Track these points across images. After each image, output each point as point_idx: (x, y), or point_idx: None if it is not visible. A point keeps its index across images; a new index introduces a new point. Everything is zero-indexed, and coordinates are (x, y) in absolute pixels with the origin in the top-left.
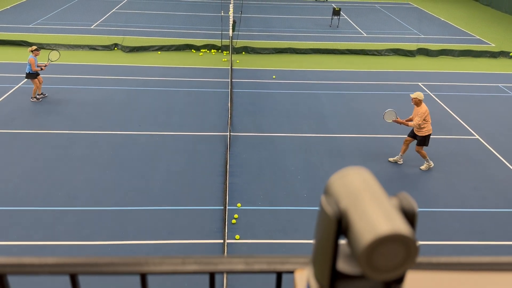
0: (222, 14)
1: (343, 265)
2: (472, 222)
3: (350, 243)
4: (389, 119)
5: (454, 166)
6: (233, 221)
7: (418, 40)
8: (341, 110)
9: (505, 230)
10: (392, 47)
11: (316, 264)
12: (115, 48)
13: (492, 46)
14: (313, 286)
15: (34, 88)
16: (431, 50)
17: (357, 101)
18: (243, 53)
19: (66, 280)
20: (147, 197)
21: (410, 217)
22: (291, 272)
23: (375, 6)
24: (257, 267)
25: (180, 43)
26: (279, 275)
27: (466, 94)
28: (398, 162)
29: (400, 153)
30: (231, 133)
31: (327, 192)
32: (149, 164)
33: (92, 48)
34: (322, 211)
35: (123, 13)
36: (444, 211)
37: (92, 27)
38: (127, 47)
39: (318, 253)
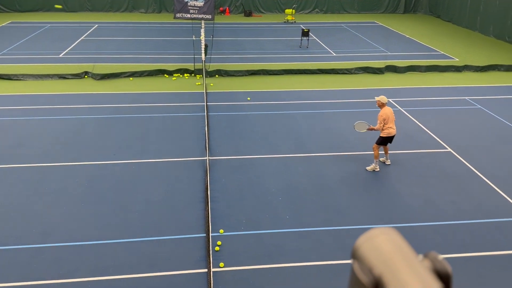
0: (194, 38)
1: None
2: (452, 235)
3: None
4: (362, 130)
5: (429, 180)
6: (217, 248)
7: (385, 57)
8: (318, 129)
9: (483, 241)
10: (361, 66)
11: None
12: (86, 76)
13: (456, 61)
14: None
15: None
16: (398, 67)
17: (332, 120)
18: (217, 76)
19: None
20: (126, 229)
21: (444, 278)
22: None
23: (342, 26)
24: None
25: (152, 68)
26: None
27: (435, 108)
28: (375, 170)
29: (375, 160)
30: (210, 158)
31: (355, 256)
32: (126, 194)
33: (62, 77)
34: (355, 279)
35: (92, 40)
36: (424, 226)
37: (60, 56)
38: (98, 74)
39: None
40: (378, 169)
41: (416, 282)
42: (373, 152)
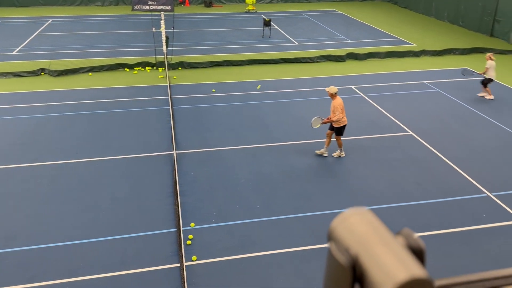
0: (154, 30)
1: None
2: (417, 215)
3: None
4: (317, 125)
5: (393, 163)
6: (188, 242)
7: (346, 45)
8: (284, 118)
9: (446, 219)
10: (323, 54)
11: None
12: (42, 73)
13: (414, 46)
14: None
15: None
16: (359, 54)
17: (297, 108)
18: (180, 68)
19: None
20: (94, 228)
21: (419, 254)
22: None
23: (303, 15)
24: None
25: (112, 63)
26: None
27: (395, 93)
28: (324, 155)
29: (325, 146)
30: (177, 152)
31: (331, 237)
32: (92, 193)
33: (17, 75)
34: (333, 260)
35: (47, 36)
36: (390, 207)
37: (14, 53)
38: (55, 71)
39: None
40: (344, 155)
41: (391, 258)
42: (337, 142)
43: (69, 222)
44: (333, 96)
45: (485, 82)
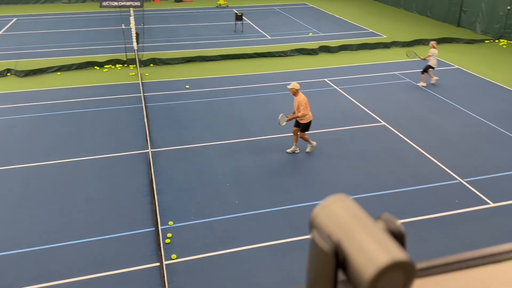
0: (123, 27)
1: None
2: (392, 204)
3: (349, 276)
4: (283, 122)
5: (368, 153)
6: (167, 240)
7: (318, 38)
8: (259, 112)
9: (421, 206)
10: (296, 47)
11: None
12: (8, 74)
13: (384, 38)
14: None
15: None
16: (331, 47)
17: (272, 102)
18: (151, 65)
19: None
20: (69, 231)
21: (399, 238)
22: None
23: (274, 9)
24: None
25: (81, 61)
26: None
27: (368, 84)
28: (296, 152)
29: (294, 143)
30: (152, 150)
31: (313, 225)
32: (66, 195)
33: None
34: (315, 247)
35: (12, 35)
36: (366, 197)
37: None
38: (22, 71)
39: None
40: (315, 143)
41: (373, 243)
42: (305, 138)
43: (44, 226)
44: (296, 92)
45: (425, 69)
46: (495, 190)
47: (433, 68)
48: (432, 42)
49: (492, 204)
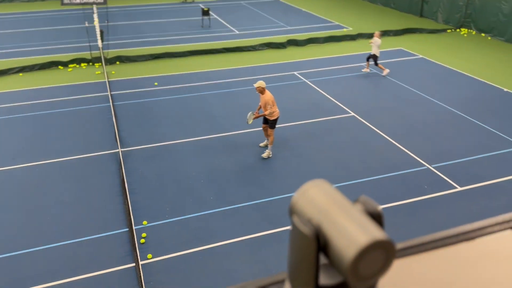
0: (87, 25)
1: (323, 279)
2: (364, 192)
3: (331, 258)
4: (251, 120)
5: (339, 144)
6: (142, 240)
7: (286, 32)
8: (230, 108)
9: (391, 193)
10: (264, 42)
11: (297, 284)
12: None
13: (350, 30)
14: None
15: None
16: (299, 40)
17: (243, 97)
18: (118, 63)
19: None
20: (40, 236)
21: (377, 218)
22: None
23: (241, 3)
24: None
25: (44, 61)
26: None
27: (336, 76)
28: (270, 156)
29: (266, 139)
30: (122, 149)
31: (294, 211)
32: (34, 199)
33: None
34: (297, 231)
35: None
36: (338, 186)
37: None
38: None
39: (297, 273)
40: (271, 155)
41: (352, 225)
42: (269, 138)
43: (14, 231)
44: (262, 90)
45: (369, 57)
46: (462, 174)
47: (376, 56)
48: (376, 32)
49: (459, 188)
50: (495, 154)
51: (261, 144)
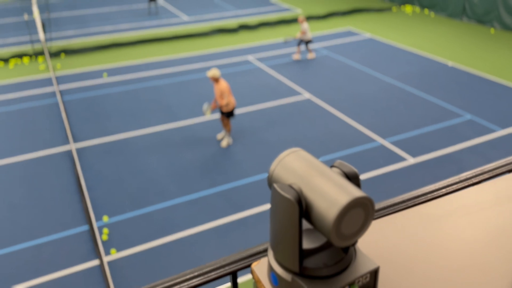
0: (26, 17)
1: (305, 243)
2: None
3: (314, 221)
4: (208, 112)
5: (297, 126)
6: (104, 237)
7: (237, 16)
8: (185, 97)
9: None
10: (216, 27)
11: (281, 251)
12: None
13: (301, 12)
14: (281, 273)
15: None
16: (251, 25)
17: (198, 85)
18: (63, 56)
19: None
20: None
21: (354, 180)
22: (247, 267)
23: None
24: (213, 274)
25: None
26: (233, 275)
27: (289, 59)
28: (230, 144)
29: (223, 129)
30: (74, 146)
31: (273, 180)
32: None
33: None
34: (279, 198)
35: None
36: None
37: None
38: None
39: (282, 239)
40: (232, 142)
41: (332, 186)
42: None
43: None
44: (216, 80)
45: (300, 42)
46: (414, 147)
47: (310, 41)
48: (301, 17)
49: (412, 160)
50: (443, 125)
51: (219, 136)
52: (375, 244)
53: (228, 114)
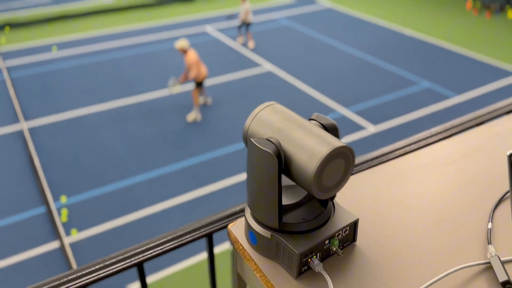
0: None
1: (284, 200)
2: None
3: (293, 174)
4: (176, 86)
5: (260, 98)
6: (63, 218)
7: None
8: (144, 70)
9: None
10: None
11: (259, 208)
12: None
13: None
14: (260, 230)
15: None
16: None
17: (155, 57)
18: (7, 30)
19: None
20: None
21: (333, 131)
22: (223, 229)
23: None
24: (188, 237)
25: None
26: (209, 237)
27: (253, 30)
28: (197, 120)
29: (196, 106)
30: (26, 125)
31: (249, 136)
32: None
33: None
34: (258, 152)
35: None
36: None
37: None
38: None
39: (260, 196)
40: (200, 118)
41: (311, 138)
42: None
43: None
44: (185, 51)
45: (240, 26)
46: (376, 115)
47: (250, 23)
48: None
49: (373, 128)
50: (402, 93)
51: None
52: (352, 199)
53: (200, 84)
